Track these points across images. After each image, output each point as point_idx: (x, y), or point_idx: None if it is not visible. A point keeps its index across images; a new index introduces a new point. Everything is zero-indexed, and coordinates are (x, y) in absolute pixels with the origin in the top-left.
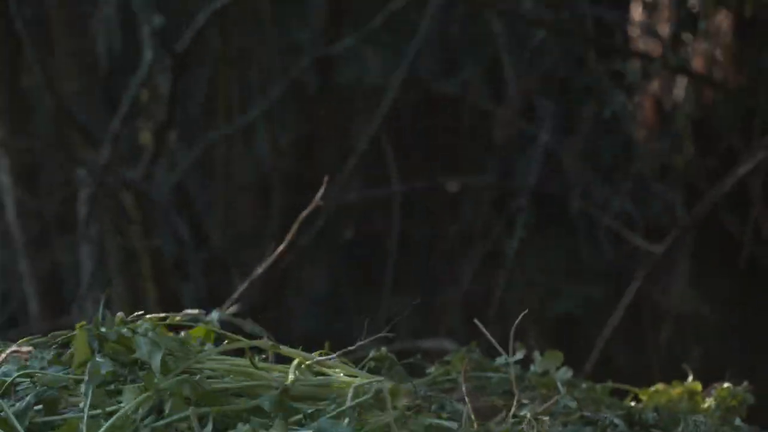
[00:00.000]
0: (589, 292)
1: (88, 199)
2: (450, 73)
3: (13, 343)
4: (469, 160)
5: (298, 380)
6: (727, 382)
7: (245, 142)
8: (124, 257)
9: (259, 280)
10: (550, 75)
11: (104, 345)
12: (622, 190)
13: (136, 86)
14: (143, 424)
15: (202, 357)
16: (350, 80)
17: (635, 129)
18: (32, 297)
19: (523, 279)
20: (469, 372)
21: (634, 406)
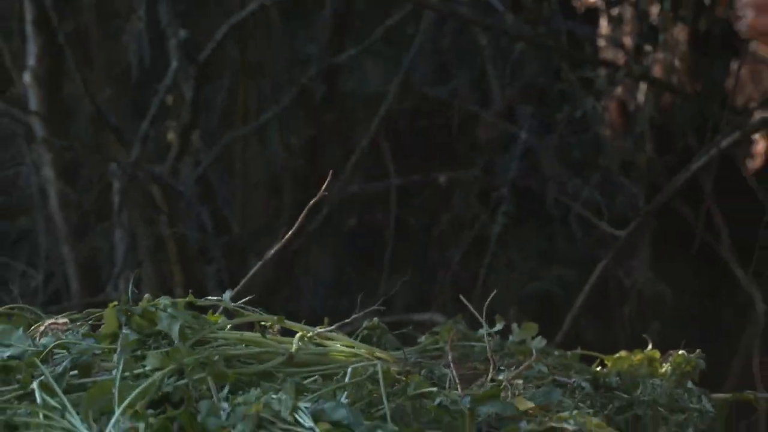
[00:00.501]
0: (562, 273)
1: (120, 192)
2: (441, 81)
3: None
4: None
5: (301, 349)
6: (681, 351)
7: (259, 142)
8: (152, 243)
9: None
10: (528, 82)
11: (131, 319)
12: (591, 183)
13: (162, 92)
14: (166, 383)
15: (216, 328)
16: (353, 88)
17: (603, 129)
18: (72, 278)
19: (504, 262)
20: (455, 342)
21: (599, 371)
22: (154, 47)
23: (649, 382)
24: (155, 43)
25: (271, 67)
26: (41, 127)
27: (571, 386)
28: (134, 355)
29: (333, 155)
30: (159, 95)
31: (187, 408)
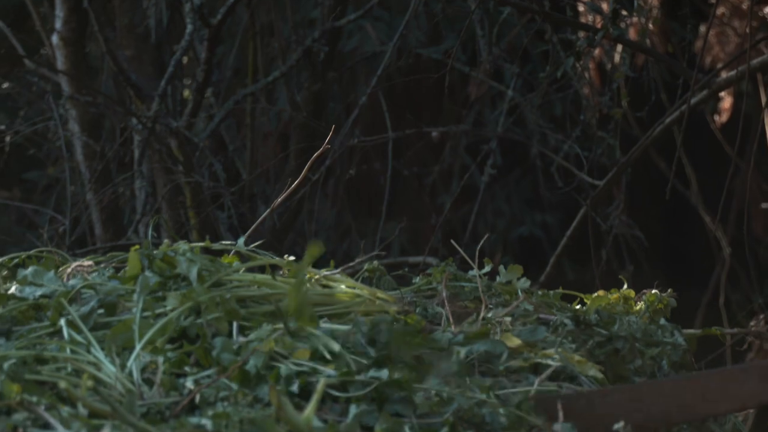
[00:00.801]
0: (545, 219)
1: (140, 144)
2: (434, 43)
3: (80, 259)
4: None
5: (308, 290)
6: (654, 290)
7: (267, 98)
8: (170, 191)
9: (278, 208)
10: (514, 44)
11: (152, 262)
12: (571, 137)
13: (179, 53)
14: (184, 321)
15: (230, 271)
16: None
17: (582, 87)
18: (97, 223)
19: (492, 209)
20: (447, 282)
21: (580, 309)
22: (171, 11)
23: (625, 319)
24: (172, 7)
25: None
26: (68, 84)
27: (555, 323)
28: (155, 296)
29: (335, 110)
30: (176, 55)
31: (203, 344)
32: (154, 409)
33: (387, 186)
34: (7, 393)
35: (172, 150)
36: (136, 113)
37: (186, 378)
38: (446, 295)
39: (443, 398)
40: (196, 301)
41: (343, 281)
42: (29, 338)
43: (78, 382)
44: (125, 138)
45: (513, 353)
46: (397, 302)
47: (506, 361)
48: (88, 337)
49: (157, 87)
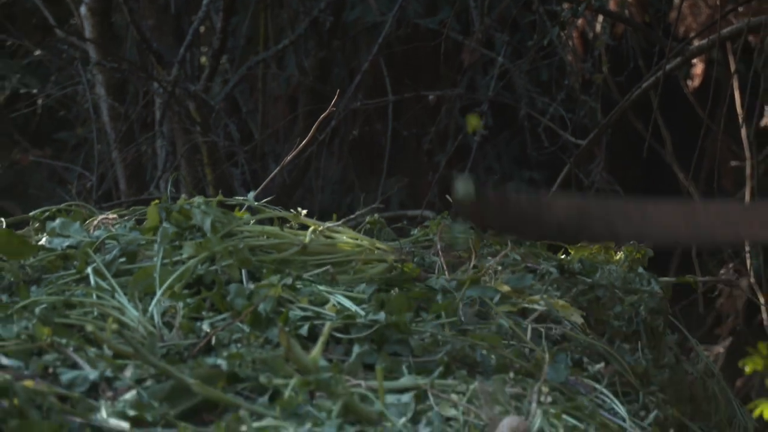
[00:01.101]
0: (533, 176)
1: (161, 106)
2: (430, 14)
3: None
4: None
5: (313, 241)
6: (633, 241)
7: (278, 64)
8: (188, 149)
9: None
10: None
11: (170, 215)
12: (556, 100)
13: (197, 22)
14: (200, 269)
15: (241, 223)
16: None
17: (566, 54)
18: (121, 178)
19: (483, 166)
20: (443, 234)
21: (564, 259)
22: None
23: (606, 268)
24: None
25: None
26: (95, 52)
27: (541, 272)
28: (173, 245)
29: (339, 76)
30: (193, 25)
31: (218, 290)
32: (174, 350)
33: (387, 145)
34: (39, 335)
35: (191, 112)
36: (158, 78)
37: (202, 321)
38: (441, 246)
39: (438, 340)
40: (211, 250)
41: (346, 232)
42: (58, 285)
43: (103, 325)
44: (147, 101)
45: (502, 299)
46: (396, 252)
47: (496, 305)
48: (112, 283)
49: (176, 54)
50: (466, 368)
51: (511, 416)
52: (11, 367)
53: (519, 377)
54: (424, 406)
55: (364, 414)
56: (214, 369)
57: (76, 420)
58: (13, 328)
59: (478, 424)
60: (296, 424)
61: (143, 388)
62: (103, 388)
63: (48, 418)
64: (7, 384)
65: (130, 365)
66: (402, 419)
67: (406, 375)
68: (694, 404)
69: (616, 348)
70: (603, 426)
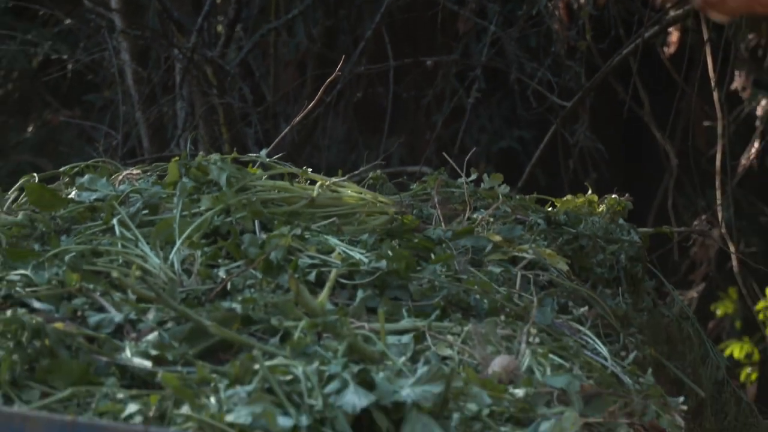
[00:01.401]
0: (522, 135)
1: (181, 71)
2: None
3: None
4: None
5: (320, 194)
6: (614, 195)
7: (288, 32)
8: (206, 110)
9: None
10: None
11: (189, 171)
12: (544, 65)
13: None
14: (216, 220)
15: (254, 178)
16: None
17: (553, 23)
18: (144, 137)
19: (477, 126)
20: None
21: (550, 211)
22: None
23: (589, 220)
24: None
25: None
26: (120, 20)
27: (529, 223)
28: (191, 199)
29: (345, 43)
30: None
31: (233, 240)
32: (192, 295)
33: (388, 107)
34: (68, 281)
35: (208, 76)
36: (178, 45)
37: (219, 268)
38: (438, 199)
39: (435, 286)
40: (226, 203)
41: (350, 187)
42: (86, 235)
43: (127, 272)
44: (168, 66)
45: (494, 248)
46: (396, 205)
47: (488, 254)
48: (135, 233)
49: (194, 23)
50: (461, 312)
51: (502, 355)
52: (43, 310)
53: (509, 320)
54: (422, 346)
55: (368, 353)
56: (229, 312)
57: (102, 359)
58: (44, 274)
59: (472, 363)
60: (305, 362)
61: (164, 330)
62: (127, 329)
63: (77, 357)
64: (39, 326)
65: (152, 309)
66: (402, 358)
67: (405, 318)
68: (670, 345)
69: (598, 293)
70: (587, 365)
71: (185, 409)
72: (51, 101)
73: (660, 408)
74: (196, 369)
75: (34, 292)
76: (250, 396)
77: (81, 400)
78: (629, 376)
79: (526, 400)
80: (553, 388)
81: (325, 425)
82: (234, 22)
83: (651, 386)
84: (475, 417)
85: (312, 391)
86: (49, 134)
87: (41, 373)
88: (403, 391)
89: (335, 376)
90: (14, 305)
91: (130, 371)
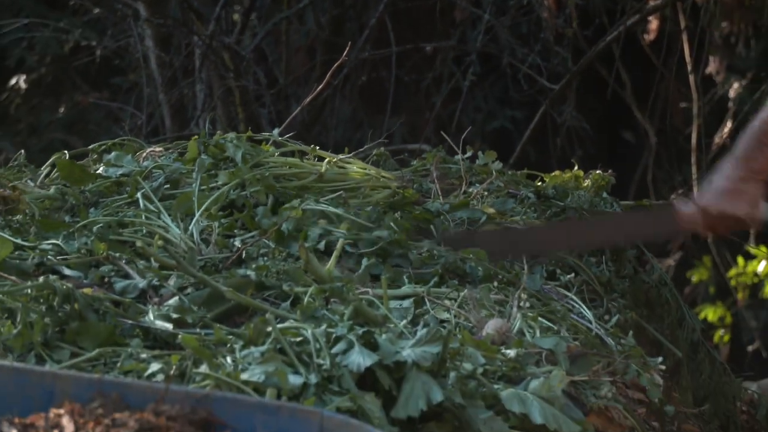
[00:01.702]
0: (513, 114)
1: (200, 56)
2: None
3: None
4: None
5: (328, 170)
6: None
7: (299, 20)
8: (223, 92)
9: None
10: None
11: (207, 148)
12: (534, 50)
13: None
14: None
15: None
16: None
17: (543, 12)
18: (166, 117)
19: (472, 106)
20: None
21: (540, 185)
22: None
23: (575, 193)
24: None
25: None
26: (144, 10)
27: (520, 197)
28: (209, 174)
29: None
30: None
31: (248, 212)
32: (210, 262)
33: (391, 89)
34: (96, 250)
35: (225, 61)
36: (197, 32)
37: (234, 238)
38: (436, 174)
39: (433, 255)
40: (242, 178)
41: (356, 163)
42: (112, 207)
43: (150, 241)
44: (189, 51)
45: (488, 219)
46: (398, 180)
47: (483, 225)
48: (158, 206)
49: (213, 12)
50: (457, 278)
51: (495, 319)
52: (72, 277)
53: (502, 286)
54: (421, 310)
55: (372, 317)
56: (244, 279)
57: (127, 322)
58: (74, 243)
59: (468, 326)
60: (314, 325)
61: (184, 295)
62: (150, 294)
63: (104, 320)
64: (68, 291)
65: (173, 275)
66: (403, 321)
67: (406, 284)
68: (649, 309)
69: (584, 261)
70: (573, 327)
71: (203, 368)
72: (81, 84)
73: (640, 367)
74: (213, 331)
75: (65, 260)
76: (264, 356)
77: (107, 360)
78: (612, 338)
79: (517, 359)
80: (541, 349)
81: (333, 383)
82: (249, 11)
83: (632, 347)
84: (470, 375)
85: (320, 352)
86: (79, 114)
87: (71, 335)
88: (404, 352)
89: (341, 337)
90: (46, 272)
91: (153, 333)
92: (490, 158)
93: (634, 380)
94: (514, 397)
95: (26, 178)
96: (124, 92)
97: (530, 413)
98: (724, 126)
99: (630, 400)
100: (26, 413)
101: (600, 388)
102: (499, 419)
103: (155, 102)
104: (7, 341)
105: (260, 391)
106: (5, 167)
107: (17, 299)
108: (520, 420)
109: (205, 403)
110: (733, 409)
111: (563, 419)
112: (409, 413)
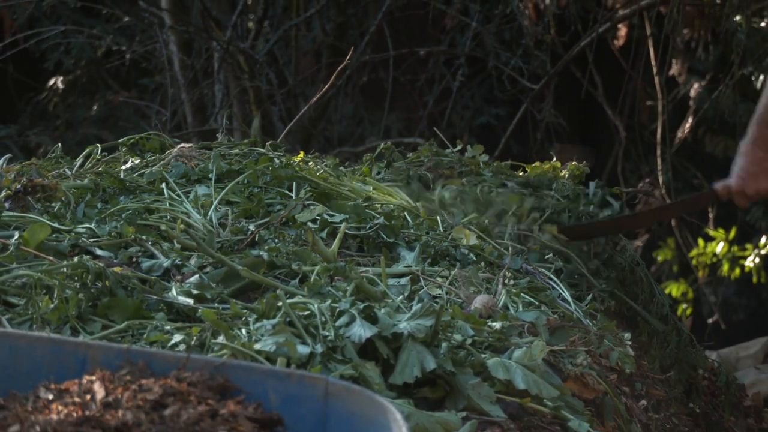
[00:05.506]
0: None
1: (219, 59)
2: None
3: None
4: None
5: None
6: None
7: (307, 27)
8: (239, 91)
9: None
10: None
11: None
12: (516, 54)
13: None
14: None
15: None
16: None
17: (524, 20)
18: (188, 113)
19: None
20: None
21: (522, 175)
22: None
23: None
24: None
25: None
26: (169, 18)
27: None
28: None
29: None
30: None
31: (260, 201)
32: (227, 244)
33: (389, 89)
34: (125, 233)
35: (241, 63)
36: (216, 38)
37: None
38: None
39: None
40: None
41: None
42: (140, 196)
43: (173, 225)
44: (208, 55)
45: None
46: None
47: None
48: (180, 194)
49: (230, 20)
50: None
51: (483, 294)
52: (104, 257)
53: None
54: (416, 287)
55: (372, 293)
56: (257, 258)
57: (153, 297)
58: (105, 227)
59: (458, 301)
60: (320, 300)
61: (204, 273)
62: (173, 273)
63: (131, 296)
64: (100, 270)
65: (194, 256)
66: (400, 297)
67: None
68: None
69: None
70: (552, 302)
71: (221, 339)
72: (112, 84)
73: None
74: (230, 306)
75: (97, 242)
76: (275, 328)
77: (135, 332)
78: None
79: (502, 331)
80: (524, 322)
81: (337, 352)
82: (262, 19)
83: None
84: (460, 345)
85: (325, 324)
86: (110, 111)
87: (102, 309)
88: (401, 324)
89: (344, 311)
90: (80, 253)
91: (176, 307)
92: (478, 151)
93: (607, 351)
94: (500, 365)
95: (63, 169)
96: (151, 92)
97: (514, 379)
98: (686, 122)
99: (603, 367)
100: (61, 380)
101: (576, 357)
102: (485, 385)
103: (178, 100)
104: (45, 315)
105: (272, 360)
106: (44, 159)
107: (54, 277)
108: (504, 385)
109: (222, 371)
110: (695, 375)
111: (543, 384)
112: (405, 379)
